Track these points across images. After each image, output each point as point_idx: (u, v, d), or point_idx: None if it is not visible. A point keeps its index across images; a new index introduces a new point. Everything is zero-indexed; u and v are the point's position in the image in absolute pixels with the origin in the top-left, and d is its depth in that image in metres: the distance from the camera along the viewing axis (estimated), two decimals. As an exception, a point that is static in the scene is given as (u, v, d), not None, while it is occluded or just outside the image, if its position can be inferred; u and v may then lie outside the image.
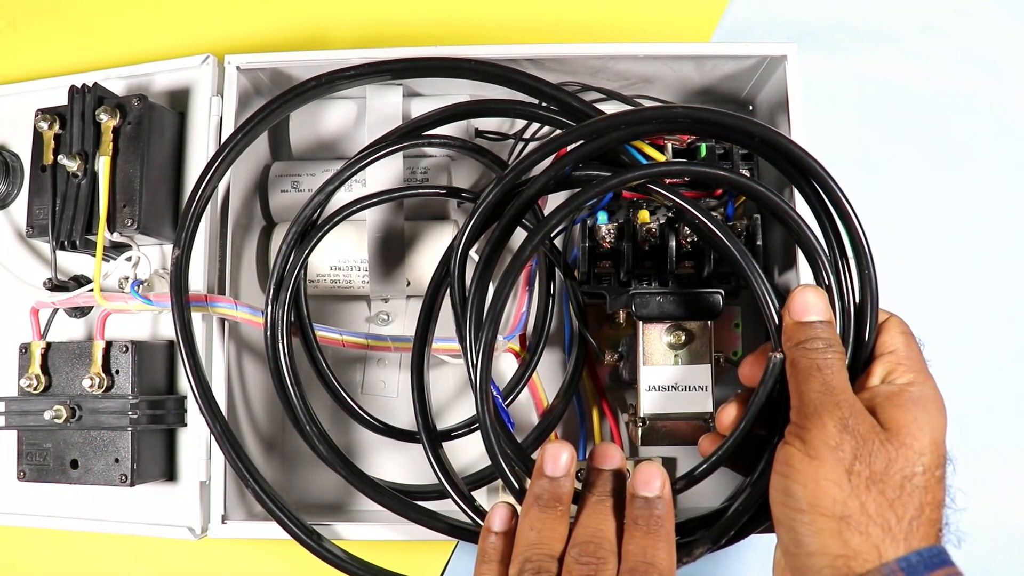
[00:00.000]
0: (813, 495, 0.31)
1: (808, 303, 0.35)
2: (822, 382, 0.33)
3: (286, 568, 0.52)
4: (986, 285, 0.52)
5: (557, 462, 0.34)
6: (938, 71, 0.54)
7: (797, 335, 0.35)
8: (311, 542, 0.41)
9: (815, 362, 0.34)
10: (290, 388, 0.42)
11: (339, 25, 0.57)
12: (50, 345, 0.46)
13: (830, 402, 0.32)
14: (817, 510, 0.31)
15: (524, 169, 0.39)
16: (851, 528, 0.30)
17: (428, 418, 0.41)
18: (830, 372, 0.33)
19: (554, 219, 0.38)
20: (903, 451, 0.31)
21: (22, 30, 0.59)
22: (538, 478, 0.35)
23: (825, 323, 0.35)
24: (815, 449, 0.32)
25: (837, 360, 0.34)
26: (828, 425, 0.32)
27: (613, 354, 0.47)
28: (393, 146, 0.43)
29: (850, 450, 0.31)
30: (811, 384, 0.33)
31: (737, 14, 0.55)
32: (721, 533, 0.36)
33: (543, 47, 0.45)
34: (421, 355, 0.42)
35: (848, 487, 0.30)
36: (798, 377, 0.34)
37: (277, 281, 0.43)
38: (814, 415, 0.32)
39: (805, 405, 0.33)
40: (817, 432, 0.32)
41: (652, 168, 0.39)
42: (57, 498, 0.47)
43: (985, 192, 0.53)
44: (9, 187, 0.50)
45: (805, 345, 0.34)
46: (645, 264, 0.43)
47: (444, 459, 0.41)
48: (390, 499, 0.42)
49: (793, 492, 0.32)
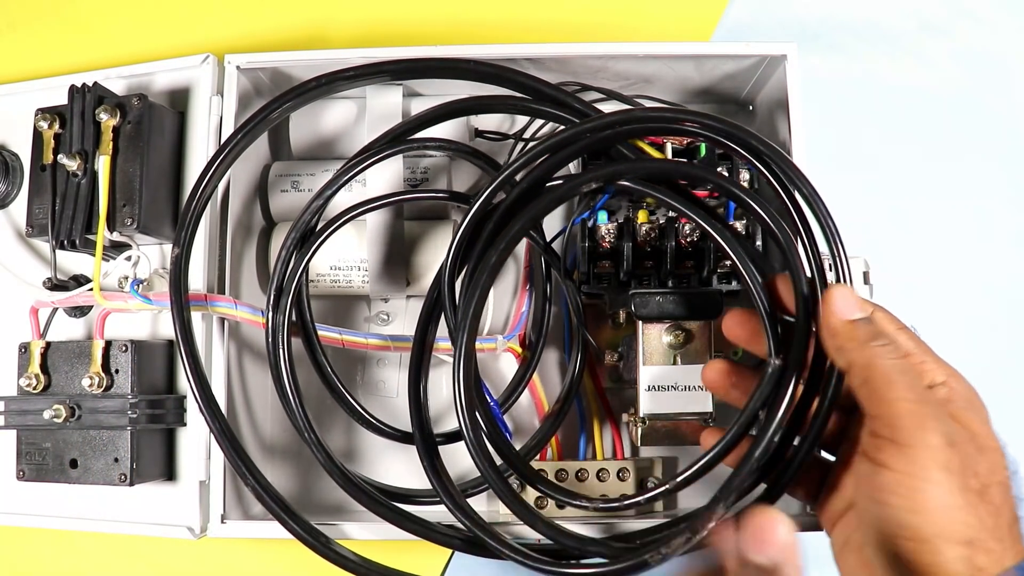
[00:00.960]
0: (938, 525, 0.28)
1: (850, 298, 0.32)
2: (910, 388, 0.29)
3: (286, 568, 0.52)
4: (987, 285, 0.52)
5: (766, 542, 0.28)
6: (938, 71, 0.54)
7: (857, 334, 0.31)
8: (313, 541, 0.41)
9: (896, 364, 0.30)
10: (291, 396, 0.42)
11: (339, 25, 0.57)
12: (50, 344, 0.46)
13: (927, 414, 0.29)
14: (942, 538, 0.28)
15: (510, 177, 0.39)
16: (977, 550, 0.28)
17: (425, 425, 0.41)
18: (913, 376, 0.30)
19: (540, 204, 0.38)
20: (991, 455, 0.30)
21: (22, 30, 0.59)
22: (744, 565, 0.29)
23: (882, 317, 0.32)
24: (927, 471, 0.28)
25: (908, 361, 0.31)
26: (934, 443, 0.28)
27: (613, 354, 0.47)
28: (388, 150, 0.43)
29: (958, 465, 0.28)
30: (898, 391, 0.29)
31: (737, 14, 0.55)
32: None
33: (543, 47, 0.45)
34: (420, 360, 0.42)
35: (967, 506, 0.28)
36: (877, 384, 0.30)
37: (278, 287, 0.43)
38: (915, 431, 0.29)
39: (898, 418, 0.29)
40: (924, 452, 0.28)
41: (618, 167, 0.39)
42: (56, 498, 0.47)
43: (985, 192, 0.53)
44: (9, 187, 0.50)
45: (875, 345, 0.30)
46: (645, 264, 0.43)
47: (439, 466, 0.40)
48: (385, 509, 0.41)
49: (911, 523, 0.28)
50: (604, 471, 0.44)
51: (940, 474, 0.28)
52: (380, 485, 0.44)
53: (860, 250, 0.42)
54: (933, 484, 0.28)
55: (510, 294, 0.50)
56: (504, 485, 0.37)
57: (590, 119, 0.39)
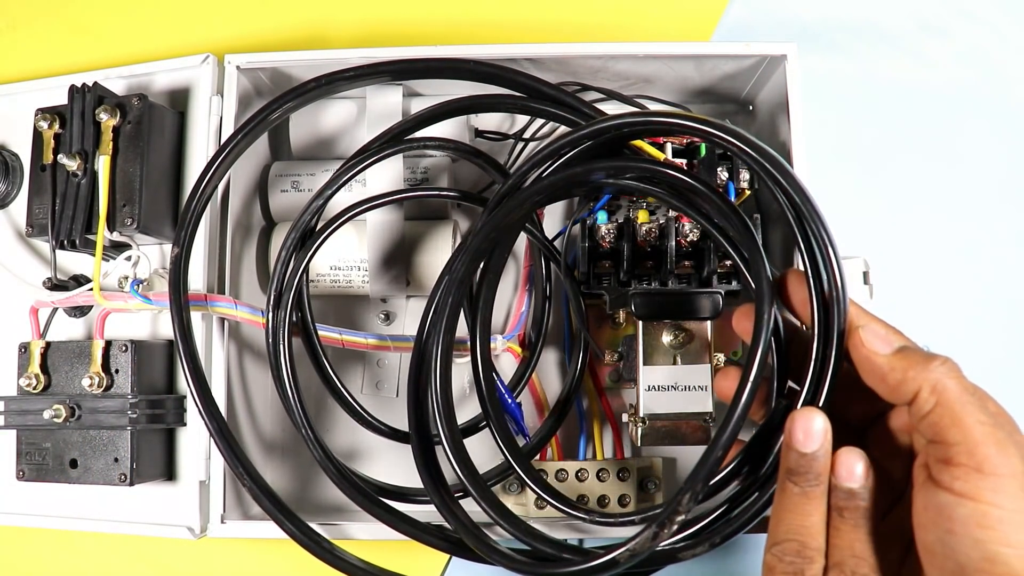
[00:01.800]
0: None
1: (881, 331, 0.31)
2: (982, 410, 0.28)
3: (286, 568, 0.52)
4: (986, 285, 0.52)
5: (810, 436, 0.30)
6: (938, 71, 0.54)
7: (912, 361, 0.30)
8: (309, 541, 0.41)
9: (963, 385, 0.28)
10: (291, 396, 0.42)
11: (339, 25, 0.57)
12: (49, 344, 0.46)
13: (1006, 437, 0.27)
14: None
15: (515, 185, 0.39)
16: None
17: (422, 424, 0.41)
18: (982, 394, 0.28)
19: (531, 192, 0.38)
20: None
21: (22, 30, 0.59)
22: (788, 451, 0.30)
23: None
24: (1016, 501, 0.26)
25: (971, 383, 0.29)
26: (1020, 468, 0.27)
27: (613, 354, 0.47)
28: (387, 150, 0.43)
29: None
30: (974, 414, 0.28)
31: (737, 14, 0.55)
32: None
33: (543, 47, 0.45)
34: (420, 358, 0.42)
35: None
36: (951, 407, 0.28)
37: (278, 287, 0.43)
38: (999, 456, 0.27)
39: (978, 444, 0.27)
40: (1011, 480, 0.26)
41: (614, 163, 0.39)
42: (56, 498, 0.47)
43: (985, 192, 0.53)
44: (9, 187, 0.50)
45: (936, 366, 0.29)
46: (645, 264, 0.43)
47: (431, 466, 0.40)
48: (379, 509, 0.41)
49: (1001, 558, 0.26)
50: (604, 471, 0.44)
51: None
52: (379, 484, 0.44)
53: (859, 250, 0.42)
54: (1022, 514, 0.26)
55: (510, 294, 0.50)
56: (483, 492, 0.37)
57: (591, 123, 0.39)
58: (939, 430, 0.28)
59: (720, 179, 0.42)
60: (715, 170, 0.42)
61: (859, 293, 0.41)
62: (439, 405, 0.38)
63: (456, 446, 0.38)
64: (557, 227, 0.49)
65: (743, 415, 0.31)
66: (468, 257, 0.39)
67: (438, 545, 0.40)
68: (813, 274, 0.33)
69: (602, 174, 0.38)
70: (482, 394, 0.40)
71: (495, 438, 0.39)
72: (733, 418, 0.31)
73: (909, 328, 0.37)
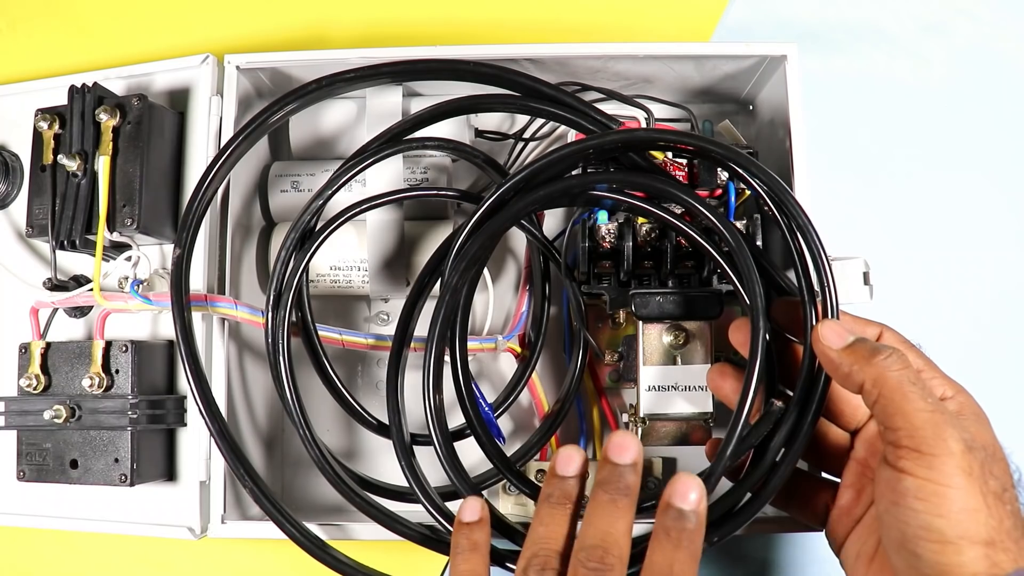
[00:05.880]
0: (960, 526, 0.29)
1: (835, 327, 0.34)
2: (924, 398, 0.31)
3: (286, 568, 0.52)
4: (986, 285, 0.52)
5: (569, 464, 0.34)
6: (938, 71, 0.54)
7: (858, 355, 0.33)
8: (307, 543, 0.41)
9: (905, 375, 0.31)
10: (291, 396, 0.42)
11: (339, 25, 0.57)
12: (50, 345, 0.46)
13: (944, 421, 0.30)
14: (965, 539, 0.29)
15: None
16: (997, 549, 0.29)
17: (403, 427, 0.41)
18: (923, 385, 0.31)
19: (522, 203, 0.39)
20: (1003, 461, 0.32)
21: (22, 30, 0.59)
22: (551, 477, 0.35)
23: (890, 336, 0.34)
24: (948, 477, 0.30)
25: (915, 371, 0.32)
26: (955, 448, 0.30)
27: (613, 354, 0.47)
28: (387, 150, 0.43)
29: (978, 469, 0.30)
30: (914, 403, 0.31)
31: (737, 14, 0.55)
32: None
33: (543, 47, 0.45)
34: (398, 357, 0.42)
35: (987, 508, 0.30)
36: (892, 397, 0.31)
37: (278, 287, 0.43)
38: (935, 439, 0.30)
39: (917, 428, 0.30)
40: (946, 459, 0.30)
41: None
42: (57, 498, 0.47)
43: (985, 192, 0.53)
44: (9, 187, 0.50)
45: (879, 359, 0.32)
46: (645, 264, 0.43)
47: (416, 467, 0.41)
48: (378, 514, 0.41)
49: (934, 526, 0.30)
50: (604, 471, 0.44)
51: (962, 479, 0.30)
52: (379, 484, 0.44)
53: (859, 250, 0.42)
54: (955, 488, 0.30)
55: (510, 294, 0.50)
56: (468, 483, 0.39)
57: (593, 137, 0.40)
58: (885, 417, 0.32)
59: (720, 179, 0.42)
60: (715, 170, 0.42)
61: (859, 293, 0.41)
62: (432, 408, 0.39)
63: (448, 449, 0.39)
64: (557, 227, 0.49)
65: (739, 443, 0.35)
66: (463, 264, 0.39)
67: (433, 545, 0.40)
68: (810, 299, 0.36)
69: (604, 186, 0.39)
70: (464, 405, 0.40)
71: (480, 444, 0.40)
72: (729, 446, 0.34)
73: (909, 328, 0.37)
